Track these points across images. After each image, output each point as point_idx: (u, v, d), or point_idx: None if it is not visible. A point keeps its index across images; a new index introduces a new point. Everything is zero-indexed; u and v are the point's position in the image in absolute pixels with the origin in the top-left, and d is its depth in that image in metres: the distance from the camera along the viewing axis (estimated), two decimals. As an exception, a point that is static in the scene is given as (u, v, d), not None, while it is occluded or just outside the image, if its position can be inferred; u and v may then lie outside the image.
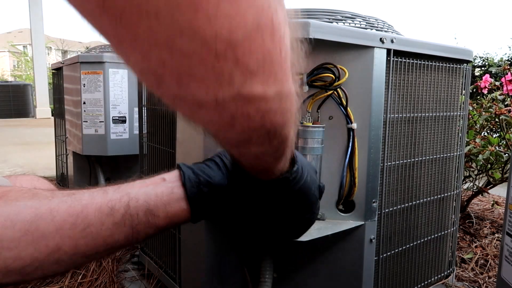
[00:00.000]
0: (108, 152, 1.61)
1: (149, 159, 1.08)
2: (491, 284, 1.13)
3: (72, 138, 1.77)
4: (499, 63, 5.98)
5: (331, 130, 0.71)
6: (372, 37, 0.70)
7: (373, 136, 0.72)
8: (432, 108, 0.86)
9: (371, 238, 0.76)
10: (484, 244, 1.36)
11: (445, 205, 0.94)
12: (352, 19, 0.79)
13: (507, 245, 0.74)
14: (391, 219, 0.81)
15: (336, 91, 0.68)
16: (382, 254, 0.81)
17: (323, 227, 0.70)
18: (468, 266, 1.22)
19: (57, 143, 2.08)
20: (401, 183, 0.82)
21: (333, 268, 0.79)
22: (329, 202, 0.73)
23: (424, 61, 0.81)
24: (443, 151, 0.90)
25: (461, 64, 0.90)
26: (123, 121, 1.62)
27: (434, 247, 0.93)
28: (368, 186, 0.73)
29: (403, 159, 0.81)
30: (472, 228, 1.51)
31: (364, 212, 0.74)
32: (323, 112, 0.70)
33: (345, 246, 0.77)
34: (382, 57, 0.72)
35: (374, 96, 0.71)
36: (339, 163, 0.72)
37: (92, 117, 1.60)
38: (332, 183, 0.72)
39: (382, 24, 0.83)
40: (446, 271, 0.99)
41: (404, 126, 0.80)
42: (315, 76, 0.66)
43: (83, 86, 1.60)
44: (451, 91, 0.89)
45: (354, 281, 0.77)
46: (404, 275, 0.88)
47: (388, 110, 0.75)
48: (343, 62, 0.69)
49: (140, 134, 1.15)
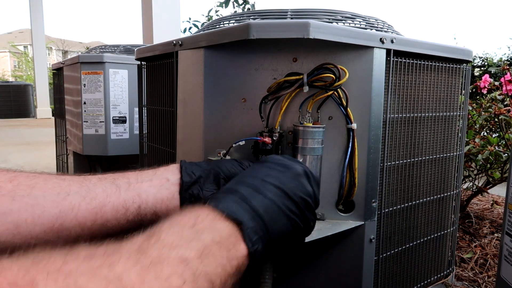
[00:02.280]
0: (108, 152, 1.61)
1: (149, 159, 1.08)
2: (491, 283, 1.13)
3: (72, 138, 1.77)
4: (499, 63, 5.98)
5: (331, 131, 0.71)
6: (372, 37, 0.70)
7: (373, 136, 0.72)
8: (431, 108, 0.86)
9: (371, 238, 0.76)
10: (483, 244, 1.36)
11: (445, 205, 0.94)
12: (352, 19, 0.79)
13: (507, 245, 0.74)
14: (390, 219, 0.82)
15: (336, 91, 0.68)
16: (382, 253, 0.81)
17: (323, 228, 0.71)
18: (467, 265, 1.22)
19: (58, 143, 2.08)
20: (400, 183, 0.82)
21: (333, 268, 0.79)
22: (329, 202, 0.73)
23: (424, 61, 0.81)
24: (442, 151, 0.90)
25: (461, 64, 0.90)
26: (123, 121, 1.62)
27: (434, 246, 0.94)
28: (368, 186, 0.73)
29: (403, 159, 0.82)
30: (471, 228, 1.51)
31: (364, 212, 0.74)
32: (323, 112, 0.71)
33: (345, 246, 0.77)
34: (382, 57, 0.72)
35: (374, 96, 0.71)
36: (339, 163, 0.72)
37: (93, 117, 1.60)
38: (332, 183, 0.73)
39: (382, 24, 0.83)
40: (445, 270, 0.99)
41: (403, 126, 0.81)
42: (316, 76, 0.66)
43: (83, 86, 1.60)
44: (451, 91, 0.89)
45: (354, 281, 0.78)
46: (404, 275, 0.88)
47: (388, 110, 0.76)
48: (342, 62, 0.69)
49: (140, 134, 1.16)
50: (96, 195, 0.46)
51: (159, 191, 0.50)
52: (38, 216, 0.43)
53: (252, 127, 0.72)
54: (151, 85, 1.03)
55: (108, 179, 0.49)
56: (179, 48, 0.82)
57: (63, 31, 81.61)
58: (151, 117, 1.04)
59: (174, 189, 0.51)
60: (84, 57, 1.61)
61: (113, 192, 0.47)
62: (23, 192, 0.43)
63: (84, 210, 0.45)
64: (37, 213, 0.43)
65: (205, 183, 0.52)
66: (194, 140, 0.77)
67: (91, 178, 0.49)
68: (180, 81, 0.81)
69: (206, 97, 0.73)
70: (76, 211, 0.44)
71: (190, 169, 0.53)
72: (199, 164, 0.55)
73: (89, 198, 0.46)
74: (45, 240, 0.43)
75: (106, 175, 0.50)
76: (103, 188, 0.47)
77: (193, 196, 0.51)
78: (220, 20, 0.87)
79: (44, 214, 0.43)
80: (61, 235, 0.44)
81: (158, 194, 0.49)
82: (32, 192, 0.44)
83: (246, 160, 0.59)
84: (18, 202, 0.42)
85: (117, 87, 1.60)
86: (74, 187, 0.46)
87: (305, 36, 0.62)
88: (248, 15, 0.82)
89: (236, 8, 4.19)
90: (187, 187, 0.51)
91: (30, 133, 5.45)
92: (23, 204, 0.42)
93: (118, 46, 1.75)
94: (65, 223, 0.44)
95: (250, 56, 0.71)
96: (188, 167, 0.53)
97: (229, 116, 0.73)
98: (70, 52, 27.76)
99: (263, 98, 0.71)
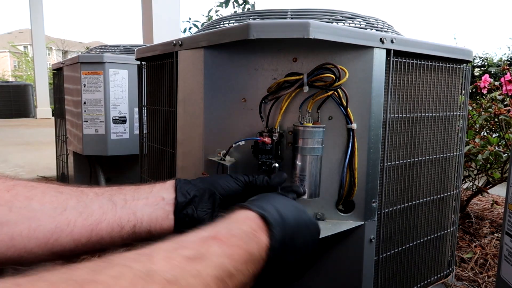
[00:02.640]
0: (108, 152, 1.61)
1: (149, 159, 1.08)
2: (491, 283, 1.13)
3: (72, 138, 1.77)
4: (499, 63, 5.98)
5: (331, 131, 0.71)
6: (372, 37, 0.70)
7: (372, 136, 0.72)
8: (431, 108, 0.86)
9: (370, 238, 0.76)
10: (483, 244, 1.37)
11: (445, 205, 0.94)
12: (352, 19, 0.79)
13: (507, 245, 0.74)
14: (390, 219, 0.82)
15: (336, 91, 0.68)
16: (382, 253, 0.81)
17: (323, 228, 0.70)
18: (467, 265, 1.22)
19: (58, 143, 2.08)
20: (400, 183, 0.82)
21: (333, 268, 0.79)
22: (329, 202, 0.73)
23: (424, 61, 0.81)
24: (442, 151, 0.90)
25: (461, 64, 0.90)
26: (123, 121, 1.62)
27: (434, 246, 0.94)
28: (368, 186, 0.73)
29: (403, 159, 0.82)
30: (471, 228, 1.51)
31: (363, 212, 0.74)
32: (323, 112, 0.71)
33: (345, 246, 0.77)
34: (382, 57, 0.72)
35: (374, 96, 0.71)
36: (339, 163, 0.72)
37: (93, 117, 1.60)
38: (332, 183, 0.73)
39: (382, 24, 0.83)
40: (445, 270, 0.99)
41: (403, 126, 0.81)
42: (316, 76, 0.66)
43: (83, 86, 1.60)
44: (451, 91, 0.89)
45: (354, 281, 0.78)
46: (403, 275, 0.88)
47: (387, 110, 0.76)
48: (342, 62, 0.69)
49: (140, 134, 1.16)
50: (92, 211, 0.46)
51: (154, 211, 0.50)
52: (34, 229, 0.42)
53: (252, 127, 0.72)
54: (151, 85, 1.03)
55: (105, 195, 0.49)
56: (179, 48, 0.82)
57: (63, 31, 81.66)
58: (151, 117, 1.04)
59: (169, 208, 0.51)
60: (84, 57, 1.61)
61: (109, 209, 0.47)
62: (21, 203, 0.42)
63: (80, 226, 0.45)
64: (33, 226, 0.42)
65: (200, 203, 0.53)
66: (194, 140, 0.77)
67: (88, 192, 0.49)
68: (180, 81, 0.81)
69: (206, 97, 0.73)
70: (72, 227, 0.44)
71: (185, 188, 0.53)
72: (194, 183, 0.55)
73: (85, 214, 0.46)
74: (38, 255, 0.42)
75: (103, 189, 0.50)
76: (100, 205, 0.47)
77: (187, 216, 0.51)
78: (220, 20, 0.87)
79: (40, 228, 0.42)
80: (55, 250, 0.43)
81: (153, 214, 0.50)
82: (30, 204, 0.43)
83: (241, 175, 0.59)
84: (15, 213, 0.42)
85: (117, 87, 1.60)
86: (72, 202, 0.46)
87: (305, 36, 0.62)
88: (248, 15, 0.82)
89: (236, 8, 4.19)
90: (181, 207, 0.51)
91: (30, 133, 5.45)
92: (20, 216, 0.42)
93: (118, 46, 1.75)
94: (60, 239, 0.43)
95: (250, 56, 0.71)
96: (183, 186, 0.53)
97: (229, 116, 0.73)
98: (70, 52, 27.76)
99: (263, 98, 0.71)
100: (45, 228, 0.43)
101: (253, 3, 4.18)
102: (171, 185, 0.54)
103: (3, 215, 0.41)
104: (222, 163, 0.70)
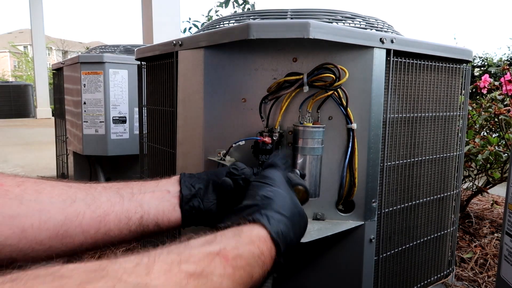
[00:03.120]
0: (108, 152, 1.61)
1: (149, 159, 1.08)
2: (491, 283, 1.13)
3: (72, 138, 1.77)
4: (498, 63, 5.98)
5: (331, 131, 0.71)
6: (372, 37, 0.70)
7: (372, 136, 0.72)
8: (431, 108, 0.86)
9: (371, 238, 0.76)
10: (483, 244, 1.37)
11: (445, 205, 0.94)
12: (352, 19, 0.79)
13: (507, 245, 0.74)
14: (390, 219, 0.82)
15: (336, 91, 0.68)
16: (382, 253, 0.81)
17: (323, 228, 0.71)
18: (467, 265, 1.22)
19: (58, 143, 2.08)
20: (400, 183, 0.82)
21: (333, 268, 0.79)
22: (329, 202, 0.73)
23: (424, 61, 0.81)
24: (442, 151, 0.90)
25: (461, 64, 0.90)
26: (123, 121, 1.62)
27: (434, 246, 0.94)
28: (368, 186, 0.73)
29: (403, 159, 0.82)
30: (471, 228, 1.51)
31: (363, 212, 0.74)
32: (323, 112, 0.71)
33: (345, 246, 0.77)
34: (382, 57, 0.72)
35: (374, 96, 0.71)
36: (339, 163, 0.72)
37: (93, 117, 1.60)
38: (332, 183, 0.73)
39: (382, 24, 0.83)
40: (445, 270, 0.99)
41: (403, 126, 0.81)
42: (316, 76, 0.66)
43: (83, 86, 1.60)
44: (451, 91, 0.89)
45: (354, 281, 0.78)
46: (404, 275, 0.88)
47: (388, 110, 0.76)
48: (343, 62, 0.69)
49: (140, 134, 1.16)
50: (101, 203, 0.47)
51: (161, 203, 0.51)
52: (44, 221, 0.43)
53: (252, 127, 0.72)
54: (151, 85, 1.03)
55: (112, 189, 0.50)
56: (179, 48, 0.82)
57: (63, 31, 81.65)
58: (151, 117, 1.04)
59: (174, 201, 0.52)
60: (84, 57, 1.61)
61: (117, 201, 0.48)
62: (31, 196, 0.43)
63: (89, 218, 0.46)
64: (44, 218, 0.43)
65: (205, 195, 0.54)
66: (194, 140, 0.77)
67: (96, 186, 0.50)
68: (180, 81, 0.81)
69: (206, 97, 0.73)
70: (81, 218, 0.45)
71: (189, 181, 0.54)
72: (198, 176, 0.56)
73: (94, 206, 0.47)
74: (49, 246, 0.43)
75: (110, 184, 0.52)
76: (108, 197, 0.48)
77: (194, 209, 0.52)
78: (220, 20, 0.87)
79: (51, 220, 0.44)
80: (64, 241, 0.44)
81: (159, 206, 0.51)
82: (39, 197, 0.44)
83: (241, 163, 0.59)
84: (25, 206, 0.43)
85: (117, 87, 1.60)
86: (80, 195, 0.47)
87: (305, 36, 0.62)
88: (248, 15, 0.82)
89: (236, 8, 4.20)
90: (187, 200, 0.52)
91: (30, 133, 5.45)
92: (30, 208, 0.43)
93: (118, 46, 1.75)
94: (70, 230, 0.45)
95: (250, 56, 0.71)
96: (187, 180, 0.54)
97: (229, 116, 0.73)
98: (70, 52, 27.76)
99: (263, 98, 0.71)
100: (55, 219, 0.44)
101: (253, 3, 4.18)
102: (176, 179, 0.55)
103: (14, 208, 0.42)
104: (222, 163, 0.70)
